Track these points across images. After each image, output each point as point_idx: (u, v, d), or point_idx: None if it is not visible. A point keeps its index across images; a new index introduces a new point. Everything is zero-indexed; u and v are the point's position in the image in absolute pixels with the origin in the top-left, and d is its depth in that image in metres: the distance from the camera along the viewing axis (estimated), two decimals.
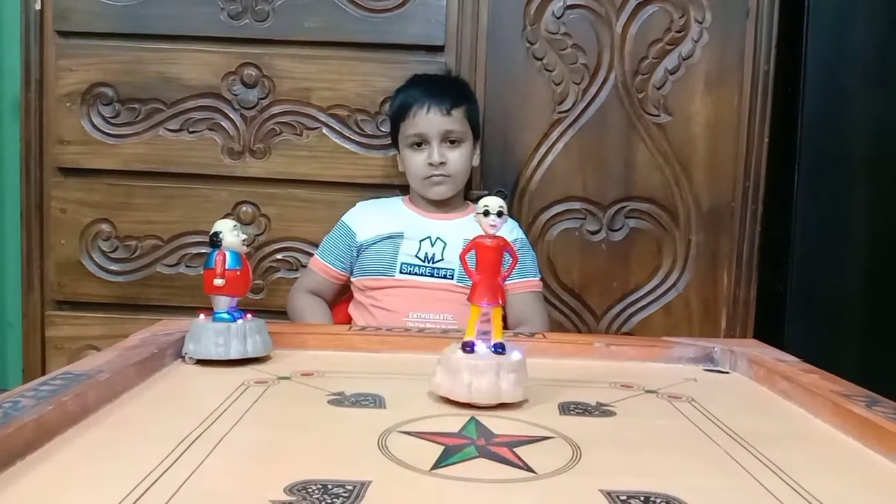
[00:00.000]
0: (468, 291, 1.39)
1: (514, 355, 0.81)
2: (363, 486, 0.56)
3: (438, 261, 1.43)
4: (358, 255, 1.47)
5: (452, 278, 1.42)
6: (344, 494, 0.55)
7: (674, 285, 1.65)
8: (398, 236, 1.45)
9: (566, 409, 0.81)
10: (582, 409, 0.81)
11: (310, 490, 0.55)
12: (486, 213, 0.81)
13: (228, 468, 0.60)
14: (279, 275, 1.65)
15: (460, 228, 1.46)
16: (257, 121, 1.63)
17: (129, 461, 0.61)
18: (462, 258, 0.85)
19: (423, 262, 1.43)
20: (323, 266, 1.49)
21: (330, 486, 0.56)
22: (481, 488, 0.58)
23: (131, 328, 0.98)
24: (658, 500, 0.56)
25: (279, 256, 1.65)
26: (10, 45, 1.77)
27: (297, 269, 1.64)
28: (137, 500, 0.52)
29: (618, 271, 1.65)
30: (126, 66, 1.61)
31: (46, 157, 1.63)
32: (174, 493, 0.54)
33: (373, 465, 0.62)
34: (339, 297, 1.54)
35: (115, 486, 0.54)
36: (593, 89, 1.62)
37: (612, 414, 0.80)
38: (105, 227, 1.63)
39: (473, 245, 0.83)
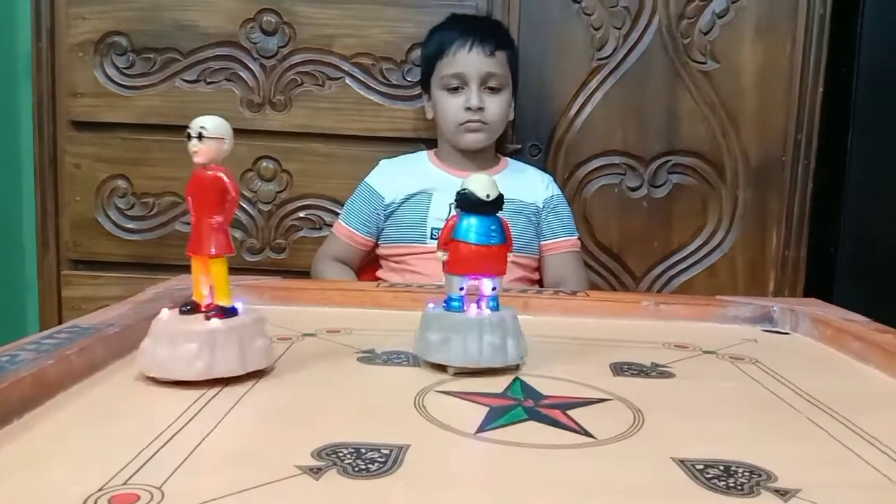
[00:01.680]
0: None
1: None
2: (401, 450, 0.49)
3: None
4: (386, 220, 1.39)
5: None
6: (380, 459, 0.47)
7: (719, 245, 1.56)
8: (427, 194, 1.36)
9: (619, 369, 0.73)
10: (637, 370, 0.73)
11: (340, 454, 0.48)
12: (189, 136, 0.62)
13: (249, 429, 0.53)
14: (302, 234, 1.58)
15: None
16: (277, 71, 1.54)
17: (138, 420, 0.54)
18: (186, 197, 0.65)
19: None
20: (348, 232, 1.41)
21: (363, 450, 0.49)
22: (536, 454, 0.51)
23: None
24: (740, 470, 0.48)
25: (301, 214, 1.58)
26: None
27: (320, 228, 1.57)
28: (147, 461, 0.46)
29: (659, 230, 1.56)
30: (140, 14, 1.53)
31: (59, 111, 1.56)
32: (187, 455, 0.47)
33: (410, 428, 0.54)
34: (366, 264, 1.46)
35: (123, 447, 0.47)
36: (635, 34, 1.52)
37: (670, 375, 0.72)
38: (121, 183, 1.57)
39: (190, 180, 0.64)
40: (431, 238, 1.33)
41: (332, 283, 1.27)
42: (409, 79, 1.54)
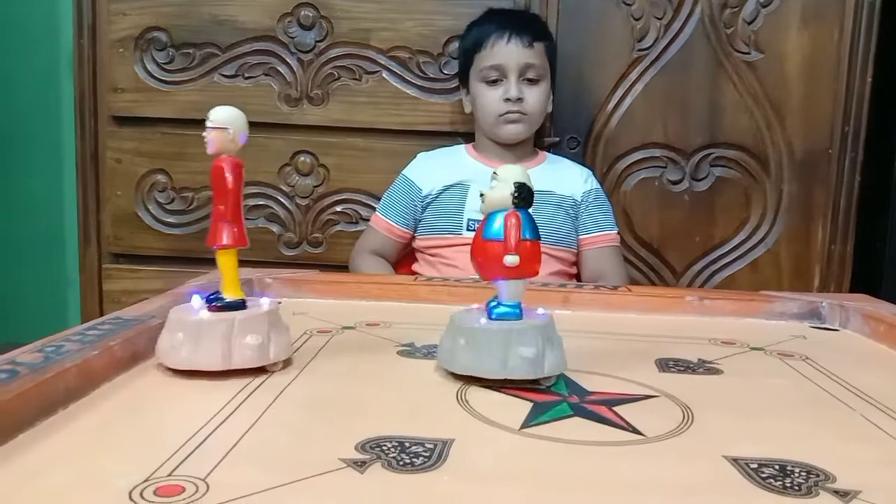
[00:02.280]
0: (541, 248, 1.32)
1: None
2: (445, 444, 0.48)
3: None
4: (423, 211, 1.38)
5: None
6: (424, 454, 0.47)
7: (762, 240, 1.52)
8: (464, 186, 1.35)
9: (665, 365, 0.71)
10: (683, 366, 0.71)
11: (384, 448, 0.47)
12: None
13: (292, 422, 0.52)
14: (338, 228, 1.58)
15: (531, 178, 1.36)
16: (314, 65, 1.55)
17: (181, 412, 0.54)
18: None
19: None
20: (385, 224, 1.40)
21: (407, 444, 0.48)
22: (583, 451, 0.49)
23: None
24: (797, 470, 0.47)
25: (338, 209, 1.58)
26: None
27: (356, 223, 1.57)
28: (190, 454, 0.45)
29: (701, 225, 1.53)
30: (179, 9, 1.54)
31: (101, 106, 1.58)
32: (231, 447, 0.47)
33: (454, 422, 0.53)
34: (402, 258, 1.46)
35: (166, 439, 0.47)
36: (676, 24, 1.49)
37: (718, 372, 0.70)
38: (161, 177, 1.59)
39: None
40: (468, 230, 1.33)
41: (370, 276, 1.26)
42: (445, 72, 1.53)
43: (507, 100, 1.32)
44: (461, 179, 1.36)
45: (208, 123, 0.62)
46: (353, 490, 0.42)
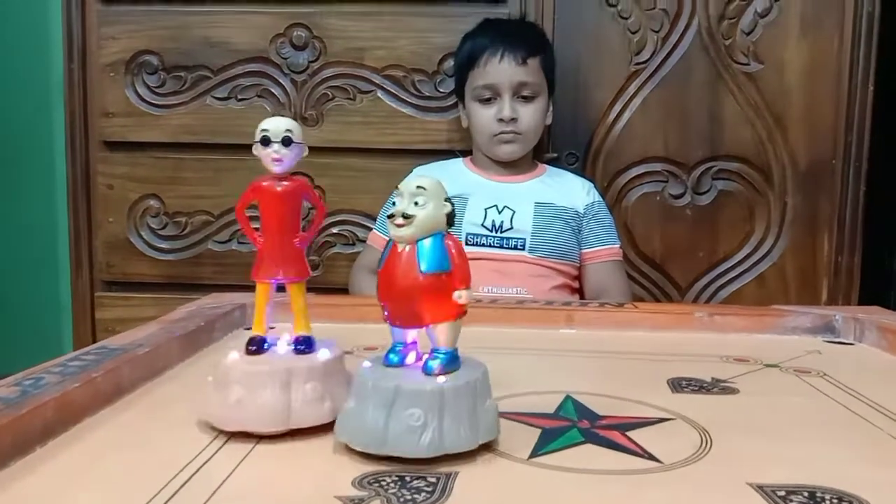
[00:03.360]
0: (543, 263, 1.30)
1: (322, 353, 0.55)
2: (449, 477, 0.45)
3: (507, 230, 1.30)
4: None
5: (524, 249, 1.30)
6: (426, 489, 0.43)
7: (767, 254, 1.49)
8: (462, 199, 1.33)
9: (678, 385, 0.68)
10: (697, 386, 0.68)
11: (383, 483, 0.44)
12: (266, 141, 0.54)
13: (284, 457, 0.49)
14: (335, 250, 1.55)
15: (530, 191, 1.34)
16: (308, 85, 1.52)
17: (167, 448, 0.51)
18: (239, 213, 0.57)
19: (491, 231, 1.30)
20: (382, 241, 1.37)
21: (408, 479, 0.45)
22: (599, 481, 0.46)
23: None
24: (827, 497, 0.43)
25: (335, 230, 1.55)
26: (55, 15, 1.70)
27: (353, 244, 1.54)
28: (176, 491, 0.42)
29: (704, 239, 1.50)
30: (170, 32, 1.52)
31: (91, 131, 1.56)
32: (219, 486, 0.44)
33: (457, 453, 0.50)
34: None
35: (150, 478, 0.44)
36: (674, 37, 1.47)
37: (734, 391, 0.67)
38: (153, 202, 1.56)
39: (253, 191, 0.56)
40: (467, 244, 1.30)
41: (366, 298, 1.23)
42: (441, 90, 1.50)
43: (501, 120, 1.30)
44: (459, 192, 1.33)
45: (289, 137, 0.54)
46: None
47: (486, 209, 1.31)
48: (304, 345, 0.56)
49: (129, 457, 0.49)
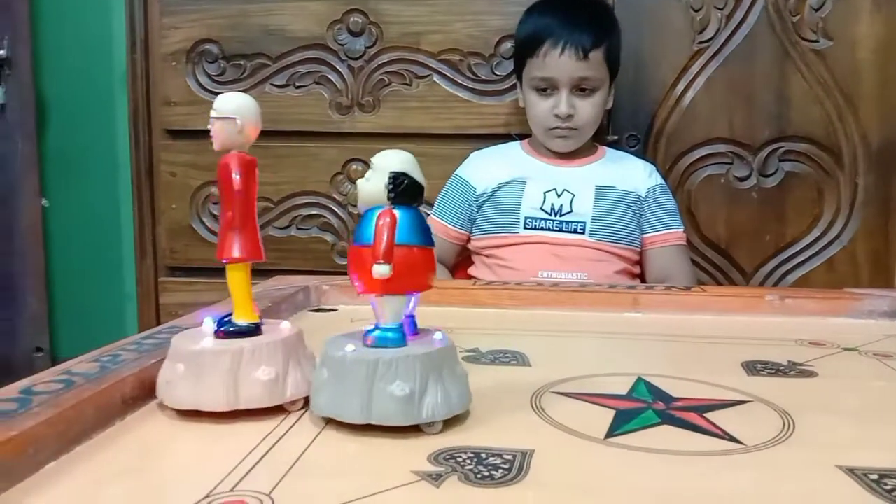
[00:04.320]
0: (603, 248, 1.27)
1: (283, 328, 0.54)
2: (525, 455, 0.44)
3: (567, 213, 1.28)
4: (478, 210, 1.34)
5: (584, 232, 1.27)
6: (503, 466, 0.43)
7: (837, 237, 1.44)
8: (520, 183, 1.31)
9: (752, 368, 0.66)
10: (773, 369, 0.66)
11: (460, 460, 0.44)
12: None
13: (357, 431, 0.49)
14: None
15: (590, 175, 1.31)
16: (365, 71, 1.53)
17: (242, 422, 0.51)
18: None
19: (550, 214, 1.28)
20: (440, 226, 1.37)
21: (484, 456, 0.44)
22: (679, 462, 0.45)
23: None
24: None
25: None
26: (118, 6, 1.74)
27: None
28: (255, 464, 0.43)
29: (771, 222, 1.45)
30: (230, 21, 1.54)
31: (154, 120, 1.59)
32: (297, 457, 0.44)
33: (531, 432, 0.49)
34: (459, 262, 1.42)
35: (229, 450, 0.44)
36: (739, 14, 1.42)
37: (812, 374, 0.65)
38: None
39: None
40: (525, 228, 1.28)
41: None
42: (497, 73, 1.49)
43: (557, 115, 1.27)
44: (517, 176, 1.32)
45: (213, 113, 0.51)
46: None
47: (545, 192, 1.29)
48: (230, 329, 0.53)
49: (207, 430, 0.50)
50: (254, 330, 0.53)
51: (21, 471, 0.40)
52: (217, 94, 1.68)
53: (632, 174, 1.33)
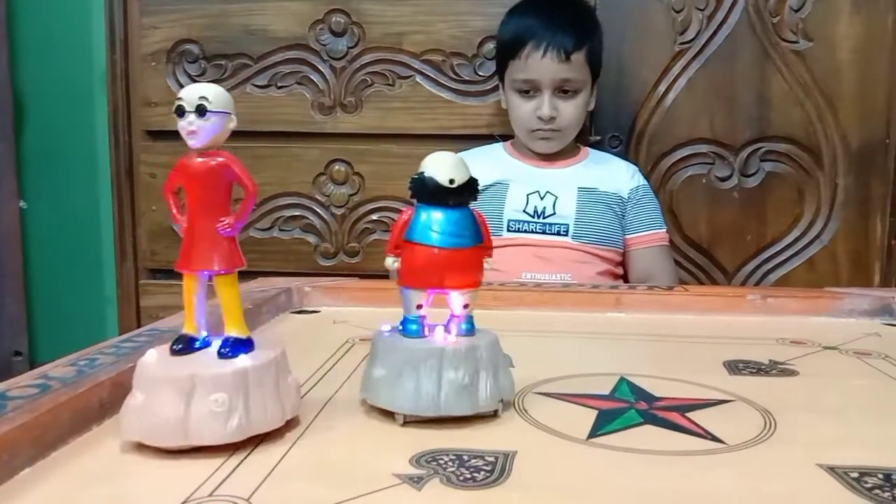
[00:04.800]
0: (586, 249, 1.28)
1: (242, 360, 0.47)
2: (507, 457, 0.44)
3: (550, 215, 1.28)
4: None
5: (567, 234, 1.28)
6: (485, 468, 0.42)
7: (818, 236, 1.45)
8: (503, 185, 1.31)
9: (734, 367, 0.66)
10: (755, 368, 0.66)
11: (441, 462, 0.43)
12: (181, 112, 0.46)
13: (339, 435, 0.49)
14: (375, 236, 1.55)
15: (573, 177, 1.32)
16: (347, 72, 1.52)
17: None
18: (166, 193, 0.50)
19: (533, 217, 1.28)
20: None
21: (466, 457, 0.44)
22: (662, 462, 0.45)
23: None
24: None
25: (374, 217, 1.55)
26: (97, 6, 1.73)
27: None
28: (234, 470, 0.42)
29: (752, 222, 1.46)
30: (210, 21, 1.53)
31: (134, 121, 1.57)
32: (276, 463, 0.43)
33: (513, 433, 0.49)
34: None
35: (208, 455, 0.44)
36: (720, 15, 1.43)
37: (793, 373, 0.65)
38: None
39: (176, 170, 0.49)
40: (508, 230, 1.28)
41: None
42: (480, 73, 1.49)
43: (540, 117, 1.27)
44: (500, 178, 1.32)
45: (204, 106, 0.45)
46: None
47: (528, 195, 1.30)
48: (231, 348, 0.47)
49: None
50: (252, 344, 0.48)
51: None
52: None
53: (614, 175, 1.33)
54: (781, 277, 1.46)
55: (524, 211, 1.29)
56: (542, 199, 1.29)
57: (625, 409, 0.54)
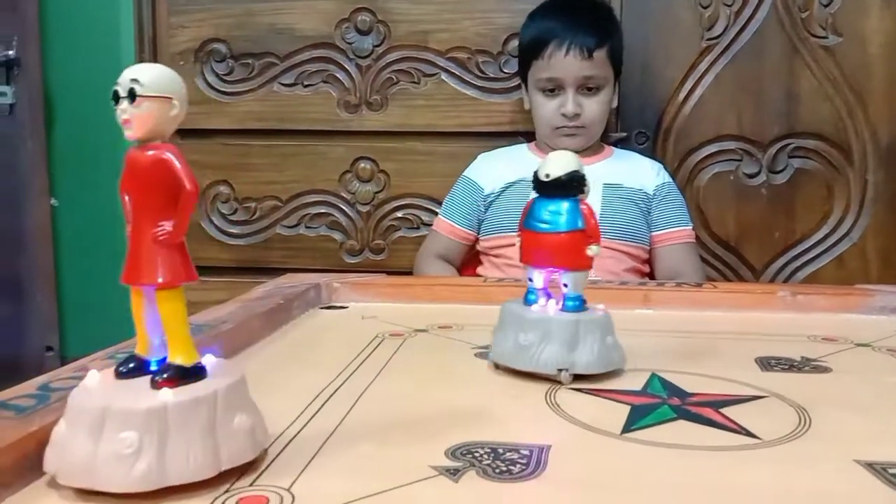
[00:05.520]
0: (612, 246, 1.27)
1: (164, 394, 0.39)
2: (542, 450, 0.44)
3: None
4: (486, 211, 1.34)
5: None
6: (521, 461, 0.43)
7: (847, 234, 1.43)
8: (526, 182, 1.30)
9: (766, 364, 0.66)
10: (787, 365, 0.66)
11: (477, 455, 0.44)
12: (116, 97, 0.39)
13: (374, 427, 0.49)
14: (400, 234, 1.56)
15: (597, 173, 1.30)
16: (373, 70, 1.53)
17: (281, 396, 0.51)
18: (121, 191, 0.42)
19: None
20: (448, 226, 1.37)
21: (501, 451, 0.44)
22: (697, 457, 0.45)
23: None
24: None
25: (399, 214, 1.55)
26: (125, 6, 1.75)
27: (418, 228, 1.54)
28: (269, 463, 0.42)
29: (780, 219, 1.45)
30: (238, 20, 1.54)
31: None
32: (313, 455, 0.44)
33: (547, 427, 0.50)
34: (467, 261, 1.42)
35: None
36: (748, 11, 1.42)
37: (826, 370, 0.65)
38: (223, 188, 1.59)
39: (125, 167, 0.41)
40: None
41: (438, 278, 1.24)
42: (505, 71, 1.49)
43: (564, 115, 1.27)
44: (523, 177, 1.31)
45: (133, 90, 0.38)
46: (449, 499, 0.38)
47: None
48: (166, 376, 0.40)
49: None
50: (200, 371, 0.41)
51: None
52: (225, 93, 1.67)
53: (639, 172, 1.33)
54: (810, 275, 1.45)
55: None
56: None
57: (658, 404, 0.54)
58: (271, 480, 0.40)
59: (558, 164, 0.59)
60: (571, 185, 0.59)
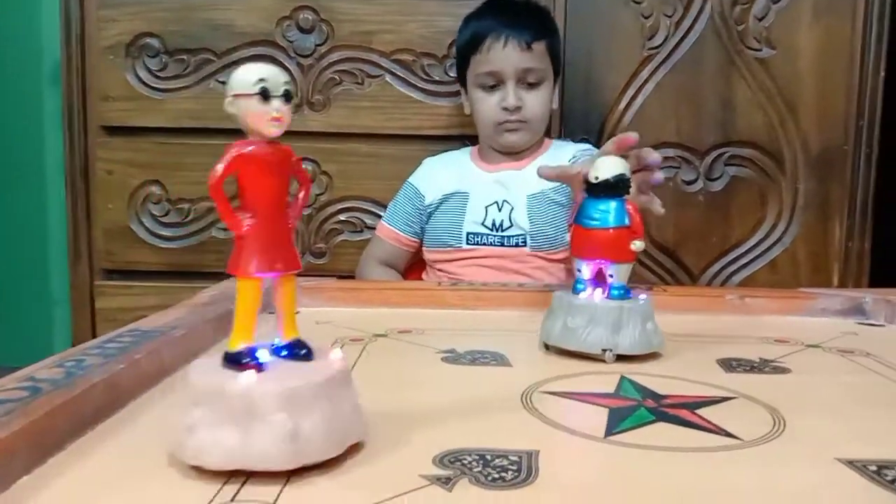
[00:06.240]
0: (547, 256, 1.25)
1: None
2: (531, 456, 0.43)
3: (508, 227, 1.26)
4: (427, 220, 1.32)
5: (525, 245, 1.25)
6: (511, 468, 0.42)
7: (780, 239, 1.48)
8: (462, 195, 1.29)
9: (729, 365, 0.67)
10: (748, 366, 0.67)
11: (466, 462, 0.42)
12: (266, 95, 0.42)
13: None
14: (343, 237, 1.52)
15: (524, 183, 1.26)
16: (315, 70, 1.49)
17: None
18: (218, 189, 0.44)
19: (492, 230, 1.26)
20: (391, 233, 1.34)
21: (489, 457, 0.43)
22: (685, 459, 0.45)
23: (186, 298, 0.83)
24: None
25: (342, 217, 1.52)
26: None
27: (361, 231, 1.51)
28: (249, 476, 0.40)
29: (717, 225, 1.48)
30: (173, 14, 1.48)
31: (90, 116, 1.51)
32: (295, 468, 0.41)
33: (531, 432, 0.49)
34: (411, 264, 1.39)
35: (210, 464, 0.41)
36: (687, 22, 1.45)
37: (785, 371, 0.66)
38: (155, 189, 1.52)
39: (236, 160, 0.44)
40: (468, 243, 1.26)
41: (391, 283, 1.21)
42: (451, 74, 1.48)
43: (505, 108, 1.25)
44: (460, 188, 1.29)
45: (289, 91, 0.42)
46: None
47: (486, 207, 1.27)
48: (305, 349, 0.45)
49: None
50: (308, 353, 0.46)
51: None
52: (158, 89, 1.60)
53: (559, 162, 1.24)
54: (745, 279, 1.49)
55: (483, 224, 1.26)
56: (500, 210, 1.26)
57: (634, 406, 0.54)
58: (253, 494, 0.38)
59: (607, 168, 0.67)
60: (618, 187, 0.67)
